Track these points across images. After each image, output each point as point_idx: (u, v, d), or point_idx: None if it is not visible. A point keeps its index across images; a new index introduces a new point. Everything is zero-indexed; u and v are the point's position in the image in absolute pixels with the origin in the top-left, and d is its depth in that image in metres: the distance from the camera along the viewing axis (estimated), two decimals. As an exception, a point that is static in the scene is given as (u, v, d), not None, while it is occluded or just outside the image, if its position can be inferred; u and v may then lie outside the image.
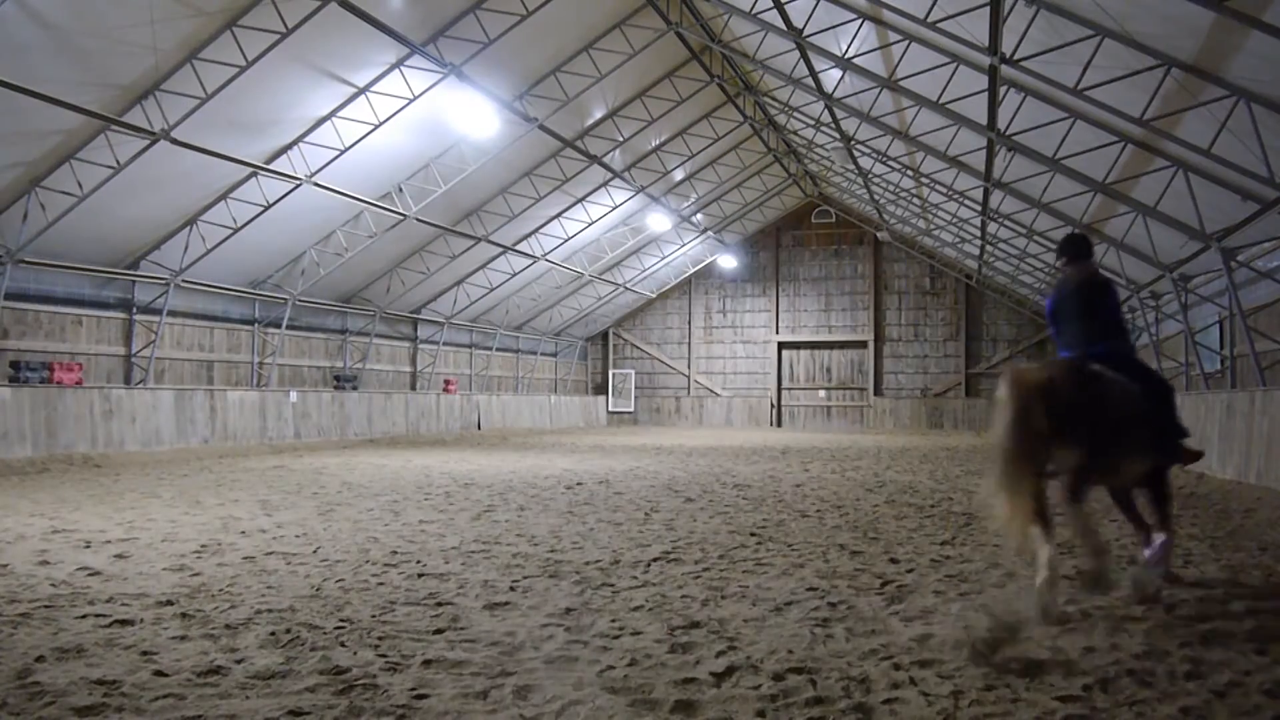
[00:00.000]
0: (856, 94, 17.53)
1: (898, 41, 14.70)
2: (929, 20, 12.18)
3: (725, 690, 3.72)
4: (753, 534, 7.84)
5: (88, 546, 6.98)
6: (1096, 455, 4.98)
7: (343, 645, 4.31)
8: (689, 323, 38.29)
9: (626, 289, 34.53)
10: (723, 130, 25.66)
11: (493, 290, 28.11)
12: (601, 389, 39.64)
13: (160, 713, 3.44)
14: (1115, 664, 4.04)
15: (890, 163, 22.23)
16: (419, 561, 6.45)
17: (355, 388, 23.96)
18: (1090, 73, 11.12)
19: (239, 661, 4.04)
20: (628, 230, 29.96)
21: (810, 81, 17.71)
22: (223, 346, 20.98)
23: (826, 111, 20.27)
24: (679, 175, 28.05)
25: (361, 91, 16.63)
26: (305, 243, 20.78)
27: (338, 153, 17.38)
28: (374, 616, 4.86)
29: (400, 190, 20.48)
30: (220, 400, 18.73)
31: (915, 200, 26.22)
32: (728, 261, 35.65)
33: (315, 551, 6.84)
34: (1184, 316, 16.60)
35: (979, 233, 24.56)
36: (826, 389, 36.64)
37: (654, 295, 37.72)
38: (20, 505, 9.43)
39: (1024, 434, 4.81)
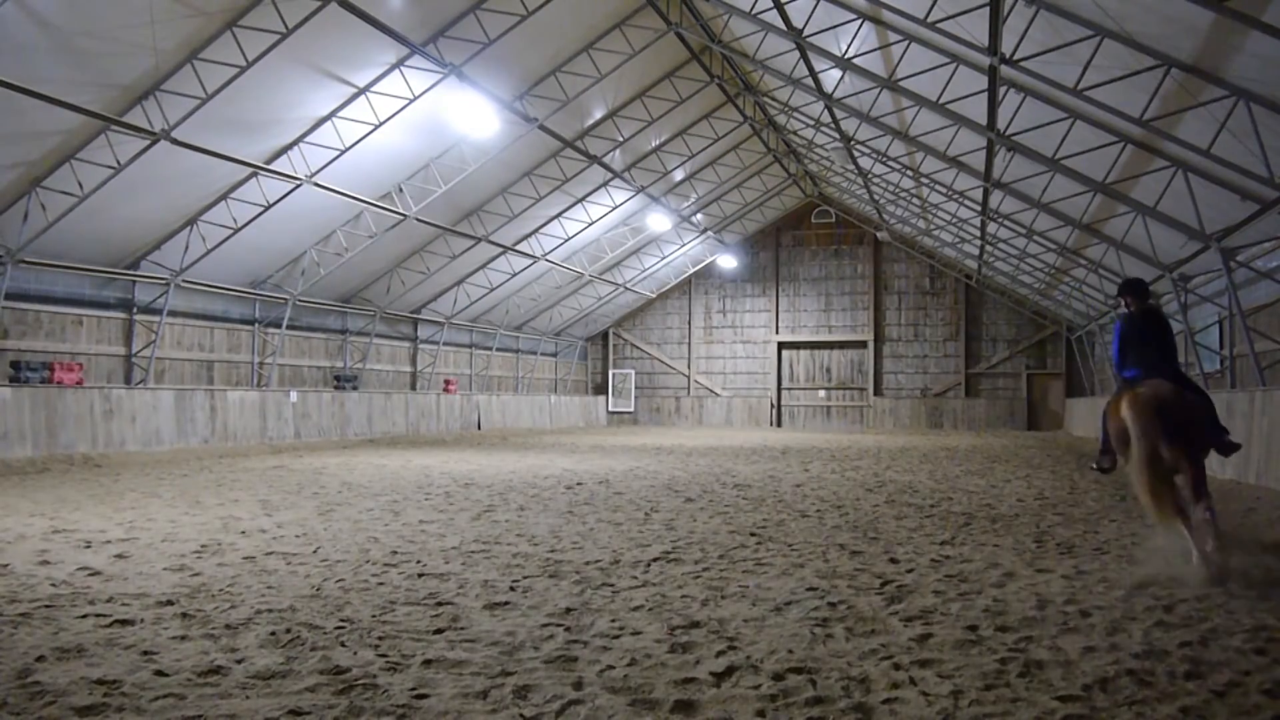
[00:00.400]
0: (856, 94, 17.52)
1: (898, 41, 14.70)
2: (929, 20, 12.17)
3: (725, 690, 3.72)
4: (753, 534, 7.85)
5: (88, 546, 6.98)
6: (1194, 451, 6.29)
7: (343, 645, 4.31)
8: (689, 323, 38.29)
9: (626, 289, 34.53)
10: (723, 130, 25.67)
11: (493, 290, 28.12)
12: (601, 389, 39.65)
13: (160, 713, 3.44)
14: (1115, 664, 4.05)
15: (890, 163, 22.23)
16: (419, 561, 6.46)
17: (355, 388, 23.96)
18: (1090, 73, 11.12)
19: (239, 661, 4.04)
20: (628, 230, 29.97)
21: (810, 81, 17.71)
22: (223, 346, 20.99)
23: (826, 111, 20.27)
24: (679, 175, 28.05)
25: (361, 91, 16.64)
26: (305, 243, 20.78)
27: (338, 153, 17.38)
28: (374, 616, 4.86)
29: (400, 190, 20.48)
30: (220, 400, 18.73)
31: (915, 200, 26.22)
32: (728, 261, 35.66)
33: (315, 551, 6.84)
34: (1184, 316, 16.60)
35: (979, 233, 24.56)
36: (826, 389, 36.65)
37: (654, 295, 37.73)
38: (20, 505, 9.43)
39: (1152, 443, 6.08)
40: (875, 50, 15.49)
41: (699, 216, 32.06)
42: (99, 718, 3.41)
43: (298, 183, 17.46)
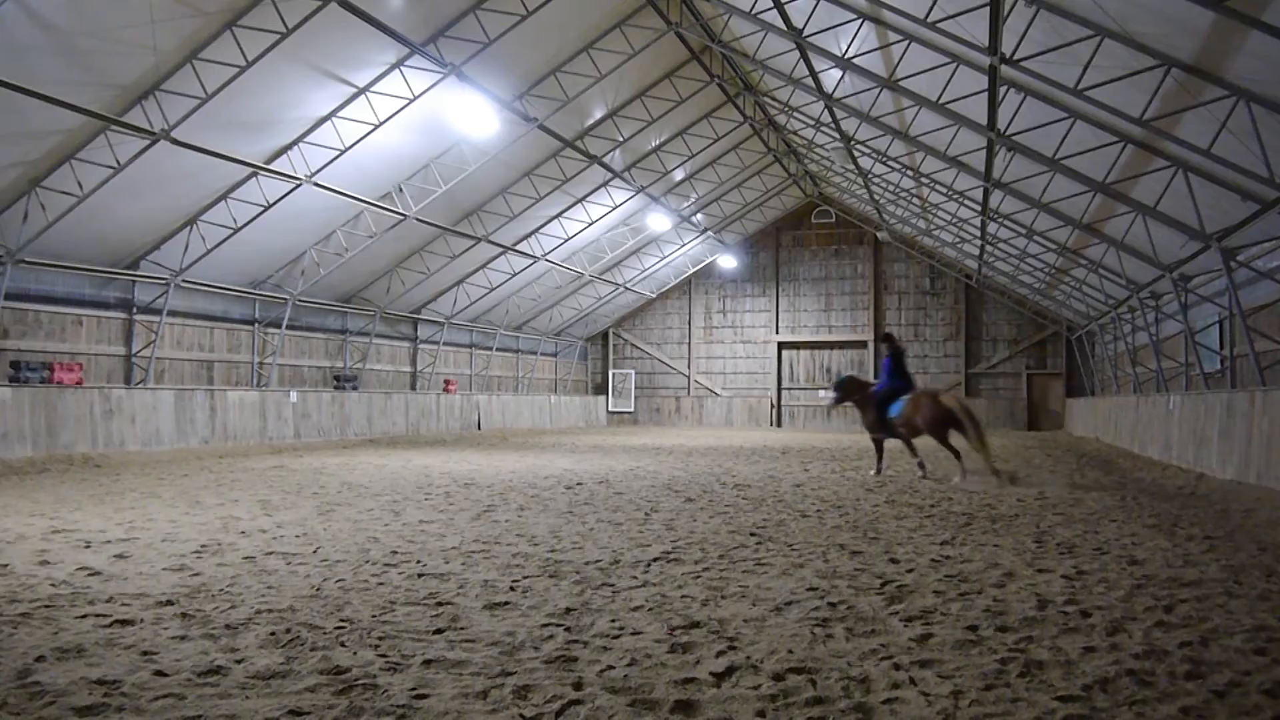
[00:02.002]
0: (856, 94, 17.52)
1: (898, 41, 14.70)
2: (929, 20, 12.17)
3: (725, 690, 3.72)
4: (753, 534, 7.85)
5: (88, 546, 6.98)
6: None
7: (343, 645, 4.31)
8: (689, 323, 38.29)
9: (626, 289, 34.53)
10: (723, 130, 25.67)
11: (493, 290, 28.12)
12: (601, 389, 39.65)
13: (160, 713, 3.44)
14: (1115, 664, 4.05)
15: (890, 163, 22.22)
16: (419, 561, 6.45)
17: (355, 388, 23.96)
18: (1090, 73, 11.12)
19: (239, 661, 4.04)
20: (628, 230, 29.97)
21: (810, 81, 17.70)
22: (223, 346, 20.99)
23: (826, 111, 20.27)
24: (679, 175, 28.05)
25: (361, 91, 16.63)
26: (305, 243, 20.78)
27: (338, 153, 17.38)
28: (374, 616, 4.86)
29: (400, 190, 20.48)
30: (220, 400, 18.73)
31: (915, 200, 26.23)
32: (728, 261, 35.66)
33: (315, 551, 6.84)
34: (1184, 316, 16.58)
35: (979, 233, 24.56)
36: (827, 389, 36.62)
37: (654, 295, 37.73)
38: (20, 505, 9.43)
39: (973, 418, 12.32)
40: (875, 50, 15.49)
41: (699, 216, 32.06)
42: (99, 718, 3.41)
43: (298, 183, 17.46)
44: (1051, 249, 21.46)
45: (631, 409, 38.86)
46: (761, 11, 15.95)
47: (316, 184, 17.70)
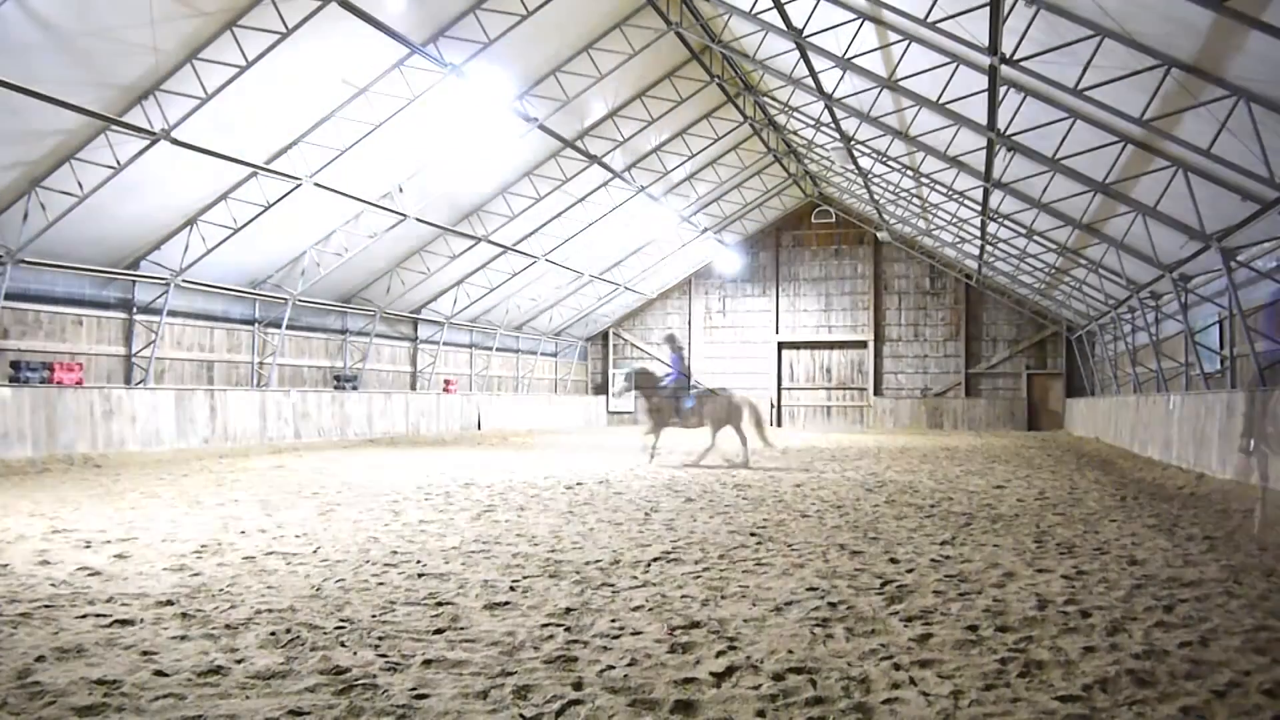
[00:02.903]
0: (856, 94, 17.52)
1: (898, 41, 14.70)
2: (929, 20, 12.17)
3: (725, 690, 3.72)
4: (753, 534, 7.85)
5: (88, 546, 6.98)
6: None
7: (343, 645, 4.31)
8: (689, 323, 38.27)
9: (626, 289, 34.52)
10: (723, 130, 25.66)
11: (493, 290, 28.11)
12: (601, 389, 39.64)
13: (160, 713, 3.44)
14: (1115, 664, 4.05)
15: (890, 163, 22.22)
16: (419, 561, 6.46)
17: (355, 388, 23.95)
18: (1090, 73, 11.12)
19: (239, 661, 4.05)
20: (628, 230, 29.96)
21: (810, 81, 17.71)
22: (223, 346, 20.98)
23: (826, 111, 20.27)
24: (679, 175, 28.05)
25: (361, 91, 16.63)
26: (305, 243, 20.78)
27: (338, 153, 17.38)
28: (374, 616, 4.86)
29: (400, 190, 20.48)
30: (220, 400, 18.73)
31: (915, 200, 26.22)
32: (728, 261, 35.64)
33: (315, 551, 6.84)
34: (1184, 316, 16.58)
35: (979, 233, 24.55)
36: (826, 389, 36.64)
37: (654, 295, 37.71)
38: (20, 505, 9.43)
39: (755, 413, 15.93)
40: (875, 50, 15.49)
41: (699, 216, 32.05)
42: (99, 718, 3.41)
43: (298, 183, 17.46)
44: (1051, 249, 21.46)
45: (631, 409, 38.85)
46: (761, 11, 15.95)
47: (316, 184, 17.70)
